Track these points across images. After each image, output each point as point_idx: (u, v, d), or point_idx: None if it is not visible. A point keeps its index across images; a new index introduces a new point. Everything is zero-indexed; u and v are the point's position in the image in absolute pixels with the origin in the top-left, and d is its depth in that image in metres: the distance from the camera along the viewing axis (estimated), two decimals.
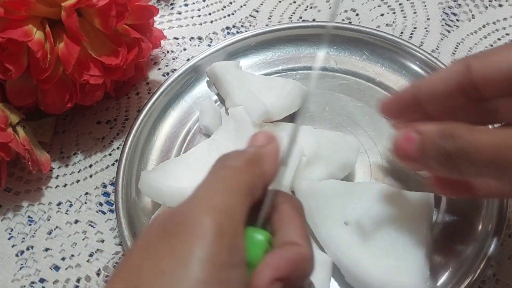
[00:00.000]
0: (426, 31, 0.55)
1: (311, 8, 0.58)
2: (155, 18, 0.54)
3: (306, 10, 0.58)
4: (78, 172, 0.49)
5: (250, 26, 0.58)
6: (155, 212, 0.44)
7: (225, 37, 0.57)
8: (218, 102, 0.52)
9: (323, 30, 0.31)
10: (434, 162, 0.30)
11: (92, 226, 0.46)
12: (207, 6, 0.60)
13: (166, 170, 0.45)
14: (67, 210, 0.47)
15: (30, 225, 0.47)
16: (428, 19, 0.56)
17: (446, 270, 0.41)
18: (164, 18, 0.59)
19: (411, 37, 0.55)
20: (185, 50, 0.57)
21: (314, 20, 0.57)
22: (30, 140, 0.47)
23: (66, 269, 0.44)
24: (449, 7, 0.57)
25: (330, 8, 0.35)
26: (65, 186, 0.49)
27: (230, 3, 0.59)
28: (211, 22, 0.58)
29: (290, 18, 0.58)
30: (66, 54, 0.43)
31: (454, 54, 0.53)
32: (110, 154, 0.50)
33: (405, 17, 0.56)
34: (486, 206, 0.43)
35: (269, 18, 0.58)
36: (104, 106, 0.53)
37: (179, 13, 0.59)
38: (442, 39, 0.55)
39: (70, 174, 0.49)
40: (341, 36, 0.53)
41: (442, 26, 0.56)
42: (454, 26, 0.55)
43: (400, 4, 0.57)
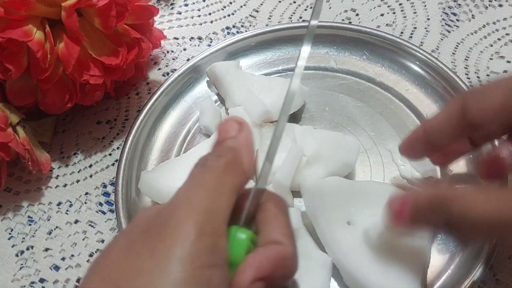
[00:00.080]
0: (426, 31, 0.55)
1: (311, 8, 0.58)
2: (155, 18, 0.54)
3: (306, 10, 0.58)
4: (78, 172, 0.49)
5: (250, 26, 0.58)
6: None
7: (225, 37, 0.57)
8: (218, 102, 0.52)
9: (304, 30, 0.31)
10: (426, 226, 0.34)
11: (92, 226, 0.46)
12: (207, 6, 0.60)
13: (166, 170, 0.45)
14: (67, 210, 0.47)
15: (30, 225, 0.47)
16: (428, 19, 0.56)
17: (446, 270, 0.41)
18: (164, 18, 0.59)
19: (411, 37, 0.55)
20: (185, 50, 0.57)
21: None
22: (30, 140, 0.47)
23: (66, 269, 0.44)
24: (449, 7, 0.57)
25: (313, 6, 0.36)
26: (65, 186, 0.49)
27: (230, 3, 0.59)
28: (211, 22, 0.58)
29: (290, 18, 0.58)
30: (66, 54, 0.43)
31: (454, 54, 0.53)
32: (110, 154, 0.50)
33: (405, 17, 0.56)
34: None
35: (269, 18, 0.58)
36: (104, 106, 0.53)
37: (179, 13, 0.59)
38: (442, 39, 0.55)
39: (70, 174, 0.49)
40: (341, 36, 0.53)
41: (442, 26, 0.56)
42: (454, 26, 0.55)
43: (400, 4, 0.57)
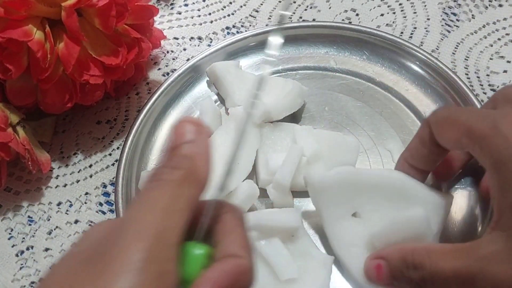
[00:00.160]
0: (426, 31, 0.55)
1: (311, 8, 0.58)
2: (155, 18, 0.54)
3: (306, 10, 0.58)
4: (78, 172, 0.49)
5: (250, 26, 0.58)
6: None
7: (225, 37, 0.57)
8: (218, 102, 0.52)
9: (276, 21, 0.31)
10: (404, 286, 0.36)
11: (92, 226, 0.46)
12: (207, 6, 0.60)
13: None
14: (67, 210, 0.47)
15: (30, 225, 0.47)
16: (428, 19, 0.56)
17: None
18: (164, 18, 0.59)
19: (411, 37, 0.55)
20: (185, 50, 0.57)
21: (314, 20, 0.57)
22: (30, 140, 0.47)
23: None
24: (449, 7, 0.57)
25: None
26: (65, 186, 0.49)
27: (230, 3, 0.59)
28: (211, 22, 0.58)
29: (290, 18, 0.58)
30: (66, 54, 0.43)
31: (454, 54, 0.53)
32: (110, 154, 0.50)
33: (405, 17, 0.56)
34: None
35: (269, 18, 0.58)
36: (104, 106, 0.53)
37: (179, 13, 0.59)
38: (442, 39, 0.55)
39: (70, 174, 0.49)
40: (341, 36, 0.53)
41: (442, 26, 0.56)
42: (454, 26, 0.55)
43: (400, 4, 0.57)
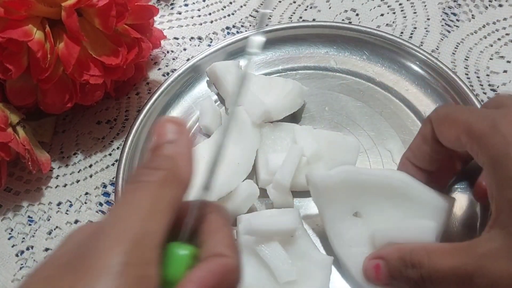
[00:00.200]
0: (426, 31, 0.55)
1: (311, 8, 0.58)
2: (155, 18, 0.54)
3: (306, 10, 0.58)
4: (78, 172, 0.49)
5: (250, 26, 0.58)
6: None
7: (225, 37, 0.57)
8: (218, 102, 0.52)
9: (259, 14, 0.31)
10: (403, 286, 0.35)
11: None
12: (207, 6, 0.60)
13: None
14: (67, 210, 0.47)
15: (30, 225, 0.47)
16: (428, 19, 0.56)
17: None
18: (164, 18, 0.59)
19: (411, 37, 0.55)
20: (185, 50, 0.57)
21: (314, 20, 0.57)
22: (30, 140, 0.47)
23: None
24: (449, 7, 0.57)
25: None
26: (65, 186, 0.49)
27: (230, 3, 0.59)
28: (211, 22, 0.58)
29: (290, 18, 0.58)
30: (66, 54, 0.43)
31: (454, 54, 0.53)
32: (110, 154, 0.50)
33: (405, 17, 0.56)
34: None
35: (269, 18, 0.58)
36: (104, 106, 0.53)
37: (179, 13, 0.59)
38: (442, 39, 0.55)
39: (70, 174, 0.49)
40: (341, 36, 0.53)
41: (442, 26, 0.56)
42: (454, 26, 0.55)
43: (400, 4, 0.57)
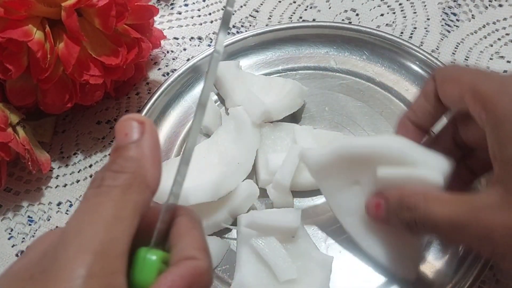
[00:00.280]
0: (426, 31, 0.55)
1: (311, 8, 0.58)
2: (155, 18, 0.54)
3: (306, 10, 0.58)
4: (78, 172, 0.49)
5: (250, 26, 0.58)
6: None
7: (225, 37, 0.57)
8: (218, 102, 0.52)
9: (223, 12, 0.31)
10: (398, 226, 0.35)
11: None
12: (207, 6, 0.60)
13: (166, 170, 0.44)
14: (67, 210, 0.47)
15: (30, 225, 0.47)
16: (428, 19, 0.56)
17: (446, 270, 0.41)
18: (164, 18, 0.59)
19: (411, 37, 0.55)
20: (185, 50, 0.57)
21: (314, 20, 0.57)
22: (30, 140, 0.47)
23: None
24: (449, 7, 0.57)
25: None
26: (65, 186, 0.49)
27: None
28: (211, 22, 0.58)
29: (290, 18, 0.58)
30: (66, 54, 0.43)
31: (454, 54, 0.53)
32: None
33: (405, 17, 0.56)
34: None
35: (269, 18, 0.58)
36: (104, 106, 0.53)
37: (179, 13, 0.59)
38: (442, 39, 0.55)
39: (70, 174, 0.49)
40: (341, 36, 0.53)
41: (442, 26, 0.56)
42: (454, 26, 0.55)
43: (400, 4, 0.57)
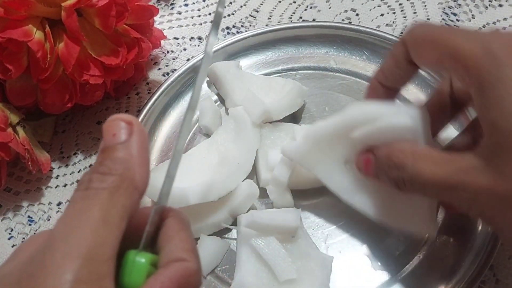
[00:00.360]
0: None
1: (311, 8, 0.58)
2: (155, 18, 0.54)
3: (306, 10, 0.58)
4: (78, 172, 0.49)
5: (250, 26, 0.58)
6: None
7: (225, 37, 0.57)
8: (218, 102, 0.52)
9: (214, 16, 0.31)
10: (387, 183, 0.35)
11: None
12: (207, 6, 0.59)
13: (166, 170, 0.45)
14: None
15: (30, 225, 0.47)
16: (428, 19, 0.56)
17: (446, 270, 0.41)
18: (164, 18, 0.59)
19: None
20: (185, 50, 0.57)
21: (314, 20, 0.57)
22: (30, 140, 0.47)
23: None
24: (449, 7, 0.57)
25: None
26: (65, 186, 0.49)
27: (230, 3, 0.59)
28: (211, 22, 0.58)
29: (290, 18, 0.58)
30: (66, 54, 0.43)
31: None
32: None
33: (405, 17, 0.56)
34: None
35: (269, 18, 0.58)
36: (104, 106, 0.53)
37: (179, 13, 0.59)
38: None
39: (70, 174, 0.49)
40: (341, 36, 0.53)
41: None
42: (454, 26, 0.55)
43: (400, 4, 0.57)
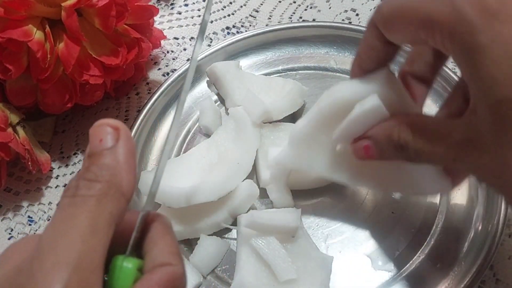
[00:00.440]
0: None
1: (311, 8, 0.58)
2: (155, 18, 0.54)
3: (306, 10, 0.58)
4: (78, 172, 0.49)
5: (250, 26, 0.58)
6: None
7: (225, 37, 0.57)
8: (218, 102, 0.52)
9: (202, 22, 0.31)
10: (396, 159, 0.35)
11: None
12: None
13: (166, 170, 0.45)
14: None
15: (30, 225, 0.47)
16: None
17: (446, 270, 0.41)
18: (164, 18, 0.59)
19: None
20: (185, 50, 0.57)
21: (314, 20, 0.57)
22: (30, 140, 0.47)
23: None
24: None
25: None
26: (65, 186, 0.49)
27: (230, 3, 0.59)
28: (211, 22, 0.58)
29: (290, 18, 0.58)
30: (66, 54, 0.43)
31: None
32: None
33: None
34: (486, 206, 0.43)
35: (269, 18, 0.58)
36: (104, 106, 0.53)
37: (179, 13, 0.59)
38: None
39: (70, 174, 0.49)
40: (341, 36, 0.53)
41: None
42: None
43: None
